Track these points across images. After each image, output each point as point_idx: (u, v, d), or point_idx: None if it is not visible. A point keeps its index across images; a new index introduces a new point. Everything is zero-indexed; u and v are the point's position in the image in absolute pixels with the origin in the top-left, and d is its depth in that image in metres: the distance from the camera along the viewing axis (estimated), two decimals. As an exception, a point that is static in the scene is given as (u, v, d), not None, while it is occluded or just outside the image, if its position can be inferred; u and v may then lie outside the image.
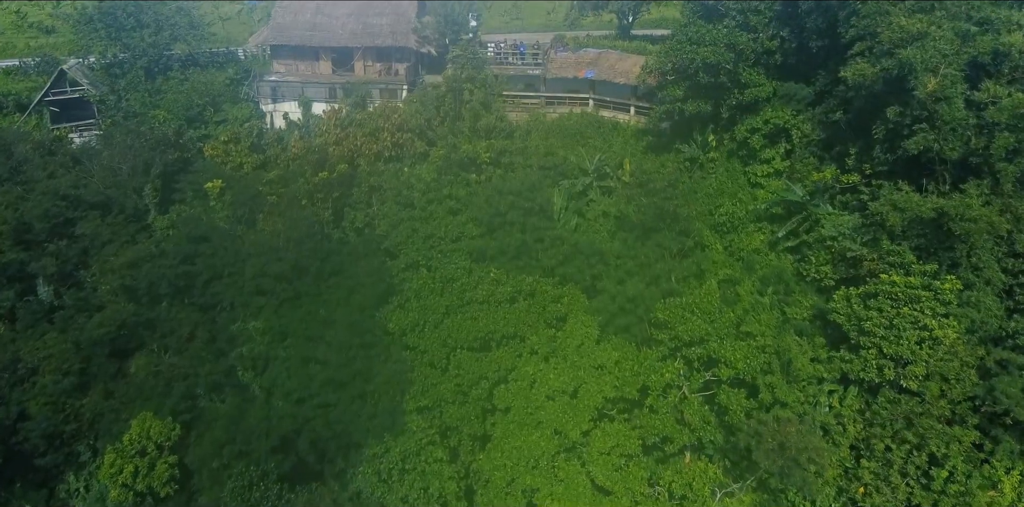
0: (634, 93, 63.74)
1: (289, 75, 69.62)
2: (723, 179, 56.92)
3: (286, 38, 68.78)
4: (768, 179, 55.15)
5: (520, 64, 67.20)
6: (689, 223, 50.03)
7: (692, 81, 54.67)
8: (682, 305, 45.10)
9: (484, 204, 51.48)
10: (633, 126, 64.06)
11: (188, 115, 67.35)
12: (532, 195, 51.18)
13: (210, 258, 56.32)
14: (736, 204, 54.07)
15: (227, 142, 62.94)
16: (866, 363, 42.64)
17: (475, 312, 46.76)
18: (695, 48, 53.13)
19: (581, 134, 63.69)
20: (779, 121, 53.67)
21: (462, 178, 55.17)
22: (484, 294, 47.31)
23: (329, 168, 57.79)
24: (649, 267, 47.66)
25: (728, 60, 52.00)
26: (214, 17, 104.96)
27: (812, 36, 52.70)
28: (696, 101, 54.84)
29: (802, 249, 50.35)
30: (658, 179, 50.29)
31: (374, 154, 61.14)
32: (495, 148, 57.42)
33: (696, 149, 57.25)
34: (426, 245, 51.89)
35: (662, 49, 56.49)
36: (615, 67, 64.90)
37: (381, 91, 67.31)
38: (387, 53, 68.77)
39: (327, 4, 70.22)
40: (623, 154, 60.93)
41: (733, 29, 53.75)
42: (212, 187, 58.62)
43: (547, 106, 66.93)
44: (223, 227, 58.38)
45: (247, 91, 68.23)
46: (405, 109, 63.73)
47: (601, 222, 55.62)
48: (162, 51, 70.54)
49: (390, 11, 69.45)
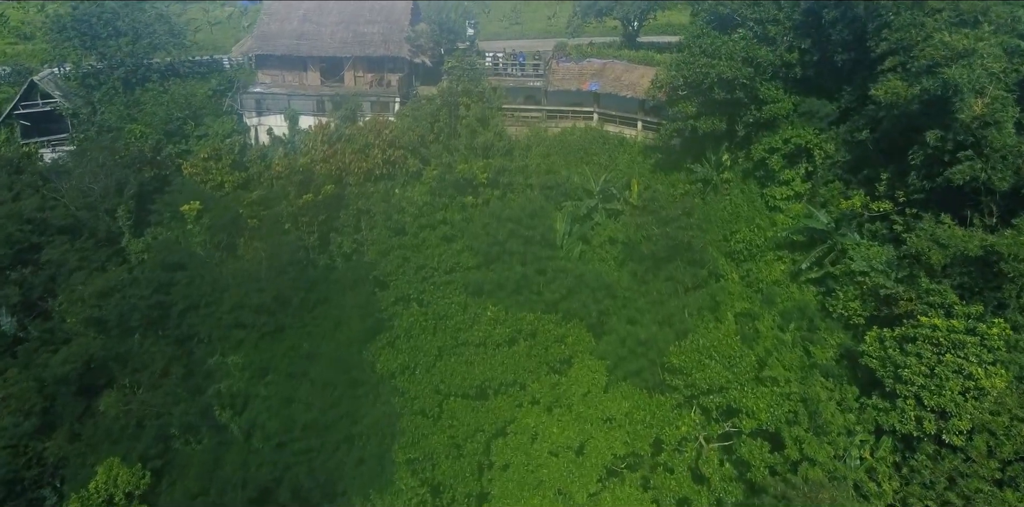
0: (641, 107, 59.05)
1: (275, 86, 64.85)
2: (739, 202, 52.31)
3: (271, 47, 64.00)
4: (787, 202, 50.54)
5: (520, 75, 62.48)
6: (704, 253, 45.36)
7: (705, 97, 50.00)
8: (698, 348, 40.52)
9: (481, 231, 46.84)
10: (640, 142, 59.39)
11: (167, 129, 62.50)
12: (533, 222, 46.53)
13: (186, 287, 51.71)
14: (753, 230, 49.43)
15: (207, 159, 58.24)
16: (903, 414, 37.99)
17: (471, 355, 42.15)
18: (709, 61, 48.44)
19: (585, 150, 59.10)
20: (801, 141, 49.02)
21: (457, 201, 50.52)
22: (481, 336, 42.69)
23: (314, 189, 53.09)
24: (661, 304, 43.05)
25: (746, 76, 47.29)
26: (202, 22, 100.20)
27: (837, 49, 48.04)
28: (710, 118, 50.15)
29: (827, 281, 45.68)
30: (670, 205, 45.58)
31: (364, 172, 56.52)
32: (493, 168, 52.77)
33: (709, 169, 52.58)
34: (418, 276, 47.26)
35: (673, 62, 51.77)
36: (621, 79, 60.18)
37: (372, 104, 62.56)
38: (379, 63, 64.03)
39: (315, 11, 65.44)
40: (630, 173, 56.32)
41: (750, 41, 49.03)
42: (189, 210, 53.91)
43: (548, 120, 62.24)
44: (200, 253, 53.70)
45: (230, 103, 63.44)
46: (397, 124, 59.07)
47: (607, 249, 51.07)
48: (140, 60, 65.66)
49: (382, 19, 64.67)
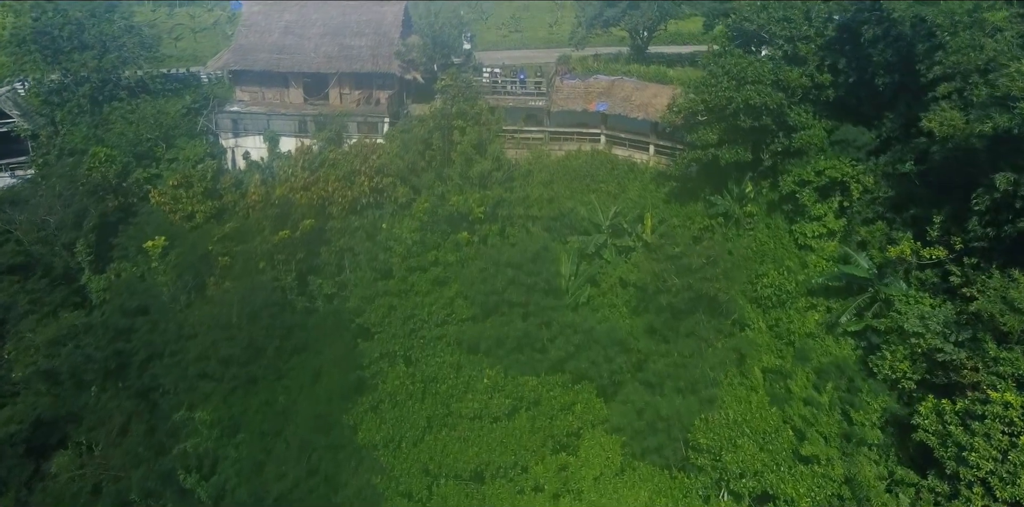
0: (654, 129, 53.12)
1: (253, 104, 58.86)
2: (764, 238, 46.50)
3: (250, 62, 57.99)
4: (820, 240, 44.67)
5: (520, 93, 56.49)
6: (731, 305, 39.53)
7: (728, 123, 44.11)
8: (728, 423, 34.63)
9: (477, 277, 41.02)
10: (652, 168, 53.49)
11: (136, 151, 56.56)
12: (535, 267, 40.67)
13: (148, 334, 46.11)
14: (783, 273, 43.60)
15: (177, 187, 52.32)
16: (968, 504, 32.15)
17: (465, 430, 36.27)
18: (734, 84, 42.57)
19: (591, 177, 53.22)
20: (837, 174, 43.14)
21: (451, 240, 44.70)
22: (476, 407, 36.84)
23: (292, 224, 47.22)
24: (684, 367, 37.15)
25: (777, 102, 41.41)
26: (186, 29, 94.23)
27: (878, 70, 42.12)
28: (733, 147, 44.30)
29: (869, 335, 39.83)
30: (691, 251, 39.56)
31: (348, 202, 50.74)
32: (490, 200, 46.88)
33: (731, 202, 46.72)
34: (405, 328, 41.38)
35: (691, 84, 45.84)
36: (631, 98, 54.23)
37: (359, 124, 56.58)
38: (367, 79, 58.07)
39: (298, 23, 59.43)
40: (642, 204, 50.45)
41: (779, 62, 43.10)
42: (153, 246, 48.03)
43: (551, 142, 56.31)
44: (166, 294, 47.81)
45: (204, 123, 57.46)
46: (386, 147, 53.20)
47: (618, 292, 45.26)
48: (108, 76, 59.74)
49: (370, 31, 58.67)
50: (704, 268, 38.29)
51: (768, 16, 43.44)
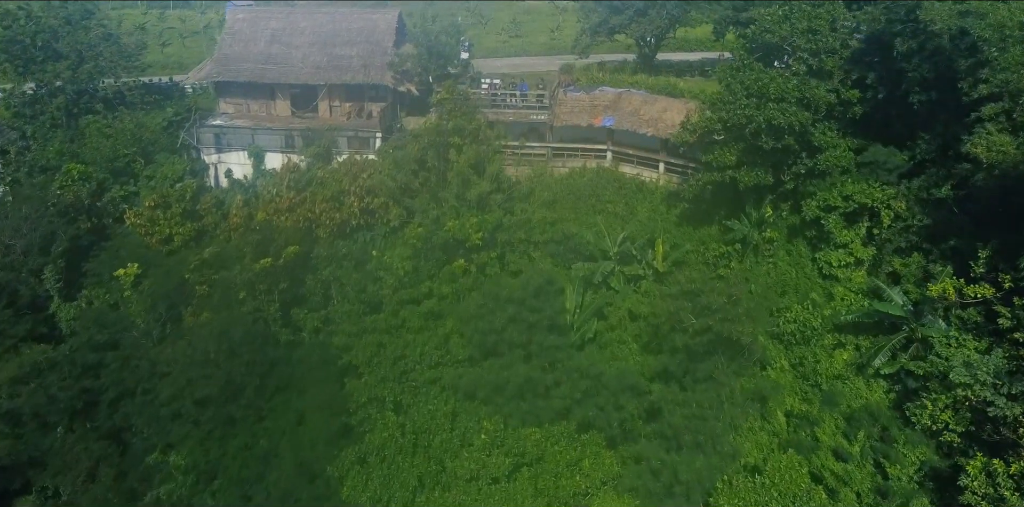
0: (664, 146, 49.24)
1: (238, 117, 54.97)
2: (785, 267, 42.67)
3: (234, 73, 54.08)
4: (846, 270, 40.84)
5: (521, 107, 52.55)
6: (754, 345, 35.70)
7: (748, 143, 40.26)
8: (755, 487, 30.82)
9: (474, 313, 37.22)
10: (663, 187, 49.63)
11: (113, 167, 52.65)
12: (538, 303, 36.90)
13: (119, 371, 42.23)
14: (807, 307, 39.80)
15: (154, 208, 48.42)
16: (1026, 580, 28.39)
17: (460, 492, 32.44)
18: (755, 102, 38.71)
19: (597, 196, 49.38)
20: (867, 200, 39.28)
21: (446, 271, 40.85)
22: (473, 467, 33.03)
23: (275, 251, 43.34)
24: (703, 420, 33.30)
25: (803, 121, 37.55)
26: (173, 35, 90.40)
27: (913, 87, 38.23)
28: (753, 169, 40.40)
29: (905, 378, 36.04)
30: (709, 288, 35.71)
31: (336, 224, 46.97)
32: (489, 224, 43.01)
33: (749, 227, 42.84)
34: (395, 370, 37.56)
35: (707, 100, 42.00)
36: (640, 113, 50.35)
37: (349, 139, 52.70)
38: (358, 91, 54.22)
39: (285, 31, 55.55)
40: (652, 227, 46.63)
41: (804, 77, 39.22)
42: (125, 275, 44.21)
43: (554, 158, 52.43)
44: (139, 326, 43.95)
45: (185, 138, 53.54)
46: (378, 164, 49.34)
47: (628, 326, 41.48)
48: (84, 87, 55.90)
49: (362, 40, 54.79)
50: (725, 308, 34.43)
51: (791, 27, 39.53)
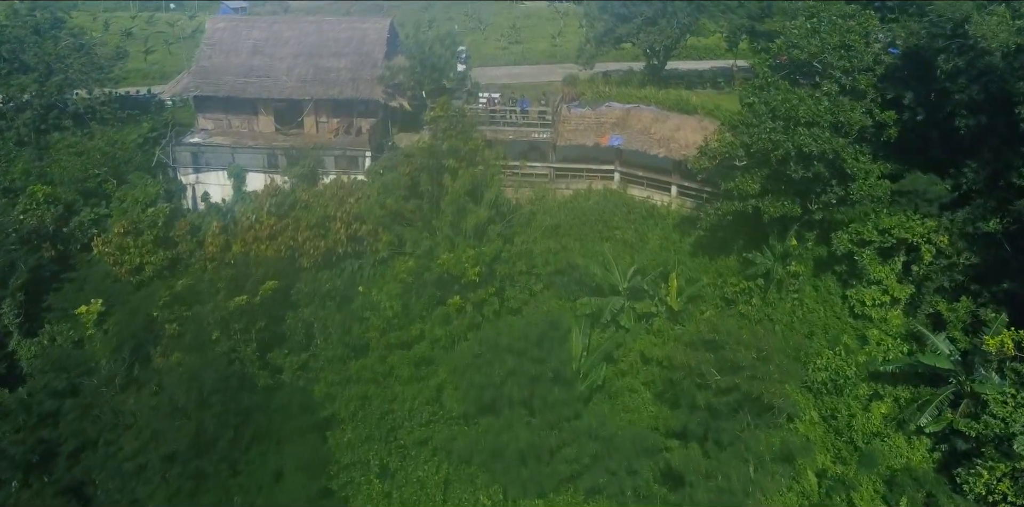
0: (677, 168, 45.10)
1: (218, 134, 50.74)
2: (812, 305, 38.55)
3: (213, 86, 49.82)
4: (880, 309, 36.73)
5: (521, 124, 48.33)
6: (785, 404, 31.54)
7: (773, 170, 36.10)
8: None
9: (470, 362, 33.02)
10: (675, 212, 45.52)
11: (84, 188, 48.36)
12: (541, 352, 32.70)
13: (79, 420, 37.93)
14: (839, 354, 35.67)
15: (124, 234, 44.16)
16: None
17: (453, 583, 28.43)
18: (781, 126, 34.54)
19: (604, 222, 45.31)
20: (907, 235, 35.13)
21: (440, 311, 36.66)
22: (467, 552, 28.93)
23: (252, 286, 39.15)
24: (730, 494, 29.13)
25: (837, 149, 33.39)
26: (159, 41, 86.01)
27: (959, 110, 34.06)
28: (780, 199, 36.24)
29: (952, 438, 31.93)
30: (734, 339, 31.52)
31: (321, 253, 42.84)
32: (487, 256, 38.83)
33: (771, 260, 38.67)
34: (382, 428, 33.44)
35: (727, 121, 37.81)
36: (650, 131, 46.20)
37: (337, 158, 48.49)
38: (347, 106, 49.99)
39: (268, 41, 51.33)
40: (664, 258, 42.51)
41: (836, 97, 35.03)
42: (87, 313, 40.03)
43: (557, 179, 48.29)
44: (104, 369, 39.74)
45: (161, 157, 49.25)
46: (368, 186, 45.21)
47: (640, 371, 37.37)
48: (53, 101, 51.66)
49: (351, 51, 50.54)
50: (754, 365, 30.26)
51: (822, 42, 35.32)
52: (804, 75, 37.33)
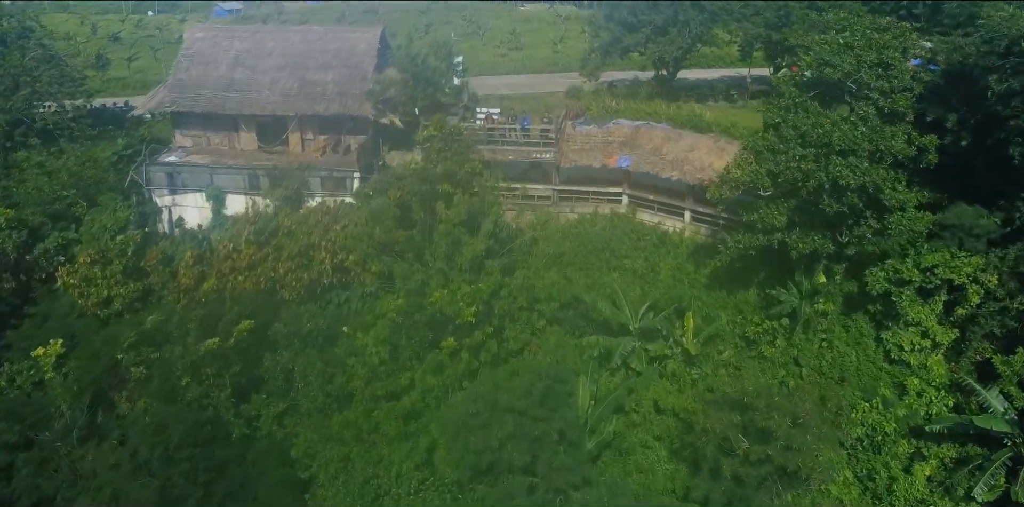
0: (691, 192, 41.25)
1: (196, 152, 46.80)
2: (843, 347, 34.73)
3: (190, 101, 45.84)
4: (920, 355, 32.88)
5: (523, 143, 44.41)
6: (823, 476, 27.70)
7: (801, 200, 32.23)
8: None
9: (466, 422, 29.11)
10: (689, 239, 41.67)
11: (52, 210, 44.48)
12: (544, 412, 28.83)
13: (33, 476, 34.02)
14: (876, 407, 31.86)
15: (91, 264, 40.32)
16: None
17: None
18: (811, 152, 30.65)
19: (612, 250, 41.56)
20: (951, 275, 31.26)
21: (432, 359, 32.80)
22: None
23: (225, 327, 35.29)
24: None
25: (878, 181, 29.53)
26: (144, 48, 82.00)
27: (1012, 137, 30.18)
28: (809, 234, 32.35)
29: None
30: (773, 414, 27.56)
31: (304, 285, 39.02)
32: (484, 293, 34.93)
33: (798, 297, 34.80)
34: (365, 495, 29.53)
35: (750, 145, 33.85)
36: (661, 151, 42.35)
37: (323, 179, 44.57)
38: (334, 122, 46.05)
39: (250, 53, 47.40)
40: (678, 291, 38.67)
41: (874, 122, 31.12)
42: (45, 355, 36.15)
43: (561, 202, 44.46)
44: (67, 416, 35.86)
45: (134, 177, 45.27)
46: (353, 215, 41.34)
47: (654, 422, 33.51)
48: (20, 117, 47.74)
49: (339, 63, 46.61)
50: (790, 434, 26.40)
51: (858, 60, 31.39)
52: (835, 94, 33.36)
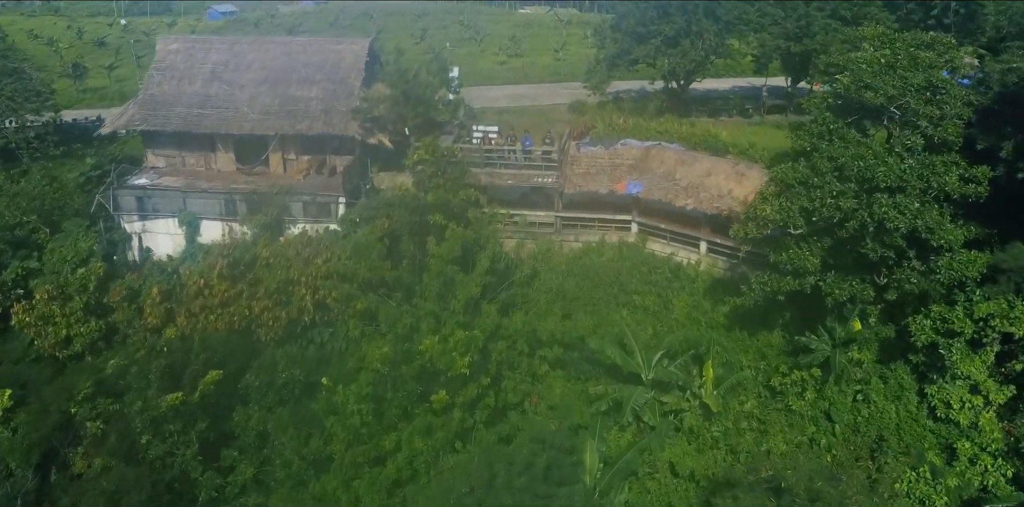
0: (708, 222, 37.32)
1: (169, 173, 42.91)
2: (881, 401, 30.78)
3: (162, 119, 41.96)
4: (970, 413, 28.96)
5: (523, 166, 40.41)
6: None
7: (838, 239, 28.30)
8: None
9: (457, 499, 25.16)
10: (705, 273, 37.77)
11: (12, 238, 40.51)
12: (548, 488, 24.89)
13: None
14: (922, 475, 27.88)
15: (49, 301, 36.41)
16: None
17: None
18: (850, 188, 26.71)
19: (621, 284, 37.73)
20: (1012, 328, 27.31)
21: (420, 420, 28.86)
22: None
23: (190, 380, 31.38)
24: None
25: (932, 224, 25.60)
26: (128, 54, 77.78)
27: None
28: (847, 279, 28.42)
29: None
30: (812, 488, 23.68)
31: (282, 326, 35.17)
32: (479, 340, 30.93)
33: (830, 345, 30.87)
34: (344, 585, 25.62)
35: (778, 178, 29.81)
36: (675, 176, 38.43)
37: (306, 204, 40.65)
38: (318, 142, 42.18)
39: (229, 66, 43.57)
40: (694, 333, 34.70)
41: (922, 154, 27.16)
42: (-10, 409, 32.28)
43: (564, 229, 40.55)
44: (14, 477, 31.92)
45: (100, 201, 41.25)
46: (338, 242, 37.52)
47: (671, 489, 29.50)
48: (-19, 134, 43.97)
49: (324, 77, 42.72)
50: None
51: (902, 82, 27.43)
52: (873, 118, 29.39)
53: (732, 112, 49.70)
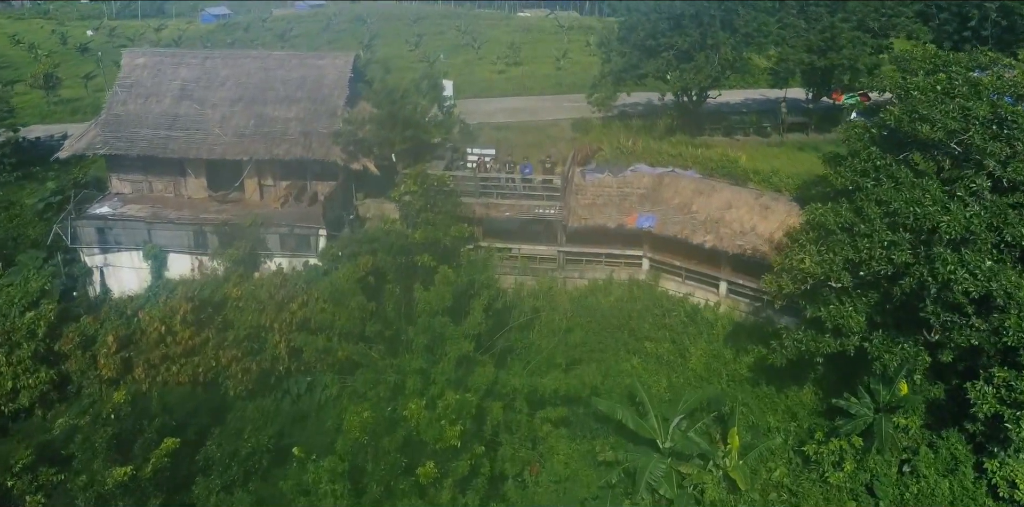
0: (729, 261, 33.15)
1: (135, 201, 38.72)
2: (932, 476, 26.60)
3: (126, 143, 37.74)
4: (1036, 492, 24.85)
5: (521, 194, 36.17)
6: None
7: (887, 295, 24.14)
8: None
9: None
10: (725, 316, 33.62)
11: (-36, 271, 36.55)
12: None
13: None
14: (988, 571, 23.72)
15: (-6, 347, 32.36)
16: None
17: None
18: (903, 239, 22.55)
19: (631, 329, 33.62)
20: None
21: (404, 504, 24.72)
22: None
23: (142, 451, 27.25)
24: None
25: (1010, 287, 21.44)
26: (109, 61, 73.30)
27: None
28: (897, 342, 24.27)
29: None
30: None
31: (253, 377, 31.19)
32: (471, 405, 26.77)
33: (871, 411, 26.75)
34: None
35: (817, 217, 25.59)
36: (691, 208, 34.25)
37: (283, 237, 36.45)
38: (298, 166, 38.01)
39: (200, 82, 39.31)
40: (715, 385, 30.66)
41: (993, 200, 23.00)
42: (-87, 483, 28.09)
43: (568, 265, 36.40)
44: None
45: (58, 233, 37.11)
46: (317, 283, 33.42)
47: (691, 582, 25.34)
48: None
49: (304, 95, 38.51)
50: None
51: (960, 112, 23.24)
52: (923, 152, 25.21)
53: (748, 130, 45.54)
